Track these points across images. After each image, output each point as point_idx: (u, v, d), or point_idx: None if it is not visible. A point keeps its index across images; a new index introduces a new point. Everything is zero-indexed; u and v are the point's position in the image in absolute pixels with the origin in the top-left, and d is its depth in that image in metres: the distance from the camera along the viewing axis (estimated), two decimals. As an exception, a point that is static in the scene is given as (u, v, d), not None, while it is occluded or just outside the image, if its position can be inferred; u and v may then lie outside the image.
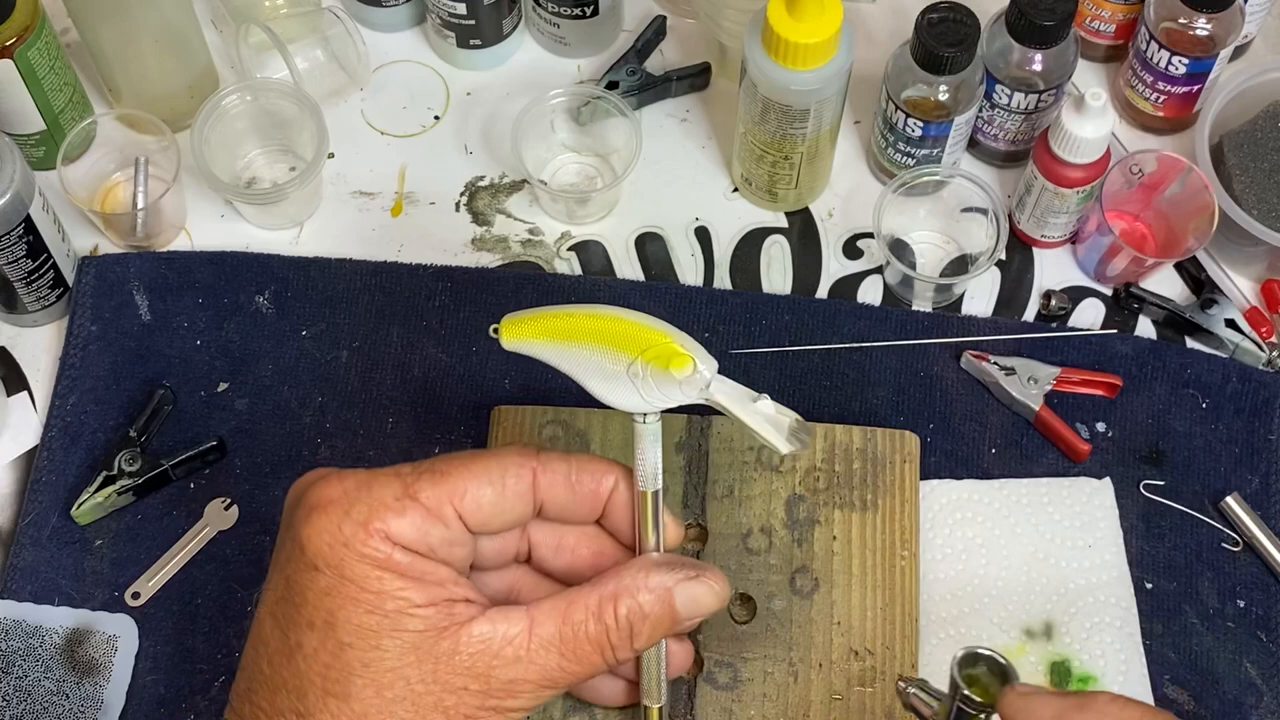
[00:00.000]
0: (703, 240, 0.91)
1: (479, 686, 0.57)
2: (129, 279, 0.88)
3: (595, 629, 0.59)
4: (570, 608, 0.59)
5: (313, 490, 0.58)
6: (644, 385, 0.61)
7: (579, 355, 0.61)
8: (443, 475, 0.58)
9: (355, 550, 0.56)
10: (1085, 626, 0.79)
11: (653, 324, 0.61)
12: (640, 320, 0.61)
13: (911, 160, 0.89)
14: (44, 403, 0.85)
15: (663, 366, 0.61)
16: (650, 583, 0.60)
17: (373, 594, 0.56)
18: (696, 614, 0.62)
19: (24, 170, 0.80)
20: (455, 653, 0.57)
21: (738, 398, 0.63)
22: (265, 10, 0.95)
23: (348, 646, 0.56)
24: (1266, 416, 0.85)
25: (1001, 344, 0.86)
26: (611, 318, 0.61)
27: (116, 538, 0.81)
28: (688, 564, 0.62)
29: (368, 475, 0.58)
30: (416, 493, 0.57)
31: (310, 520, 0.57)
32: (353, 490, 0.57)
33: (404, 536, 0.57)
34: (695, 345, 0.62)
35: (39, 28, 0.84)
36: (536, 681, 0.59)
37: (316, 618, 0.56)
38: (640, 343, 0.61)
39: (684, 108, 0.96)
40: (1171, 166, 0.88)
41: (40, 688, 0.77)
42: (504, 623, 0.58)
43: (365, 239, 0.91)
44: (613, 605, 0.59)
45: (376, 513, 0.56)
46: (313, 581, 0.56)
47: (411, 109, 0.96)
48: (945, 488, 0.82)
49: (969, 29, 0.82)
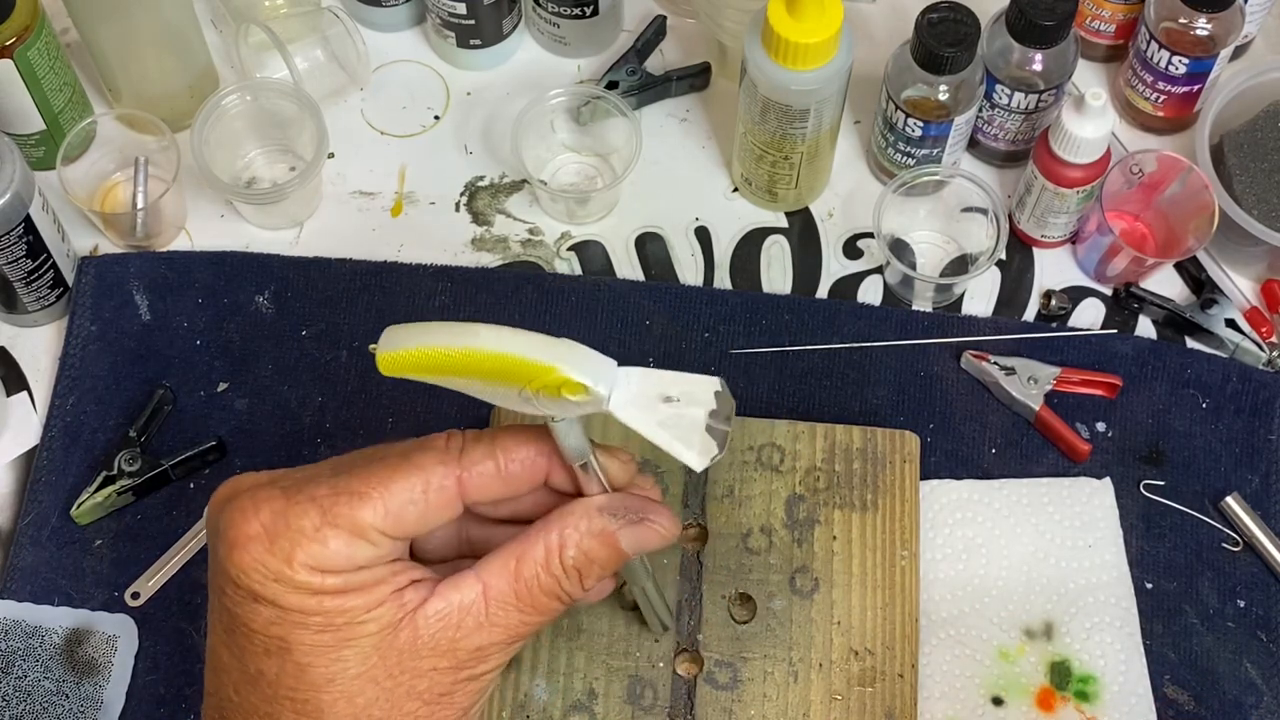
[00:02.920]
0: (703, 240, 0.91)
1: (448, 663, 0.57)
2: (129, 279, 0.88)
3: (547, 580, 0.58)
4: (520, 564, 0.58)
5: (228, 522, 0.56)
6: (541, 405, 0.56)
7: (467, 385, 0.57)
8: (360, 497, 0.56)
9: (286, 584, 0.55)
10: (1085, 626, 0.79)
11: (536, 353, 0.54)
12: (522, 351, 0.54)
13: (911, 160, 0.89)
14: (44, 403, 0.85)
15: (553, 395, 0.55)
16: (594, 527, 0.59)
17: (319, 615, 0.55)
18: (644, 550, 0.61)
19: (24, 170, 0.80)
20: (416, 639, 0.56)
21: (643, 409, 0.56)
22: (265, 10, 0.95)
23: (308, 666, 0.55)
24: (1266, 416, 0.85)
25: (1001, 344, 0.86)
26: (495, 354, 0.54)
27: (116, 538, 0.81)
28: (632, 505, 0.60)
29: (283, 503, 0.55)
30: (334, 519, 0.55)
31: (233, 557, 0.55)
32: (270, 524, 0.55)
33: (331, 564, 0.55)
34: (589, 360, 0.55)
35: (39, 28, 0.84)
36: (503, 642, 0.58)
37: (270, 645, 0.55)
38: (526, 375, 0.54)
39: (684, 108, 0.96)
40: (1171, 166, 0.88)
41: (40, 688, 0.77)
42: (456, 593, 0.57)
43: (365, 239, 0.91)
44: (559, 555, 0.59)
45: (298, 545, 0.54)
46: (254, 614, 0.55)
47: (411, 109, 0.96)
48: (945, 488, 0.82)
49: (969, 29, 0.82)
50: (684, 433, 0.56)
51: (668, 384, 0.56)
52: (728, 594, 0.77)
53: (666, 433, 0.56)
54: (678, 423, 0.56)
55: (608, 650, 0.75)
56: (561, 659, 0.75)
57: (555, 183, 0.93)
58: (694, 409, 0.56)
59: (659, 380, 0.56)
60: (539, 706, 0.74)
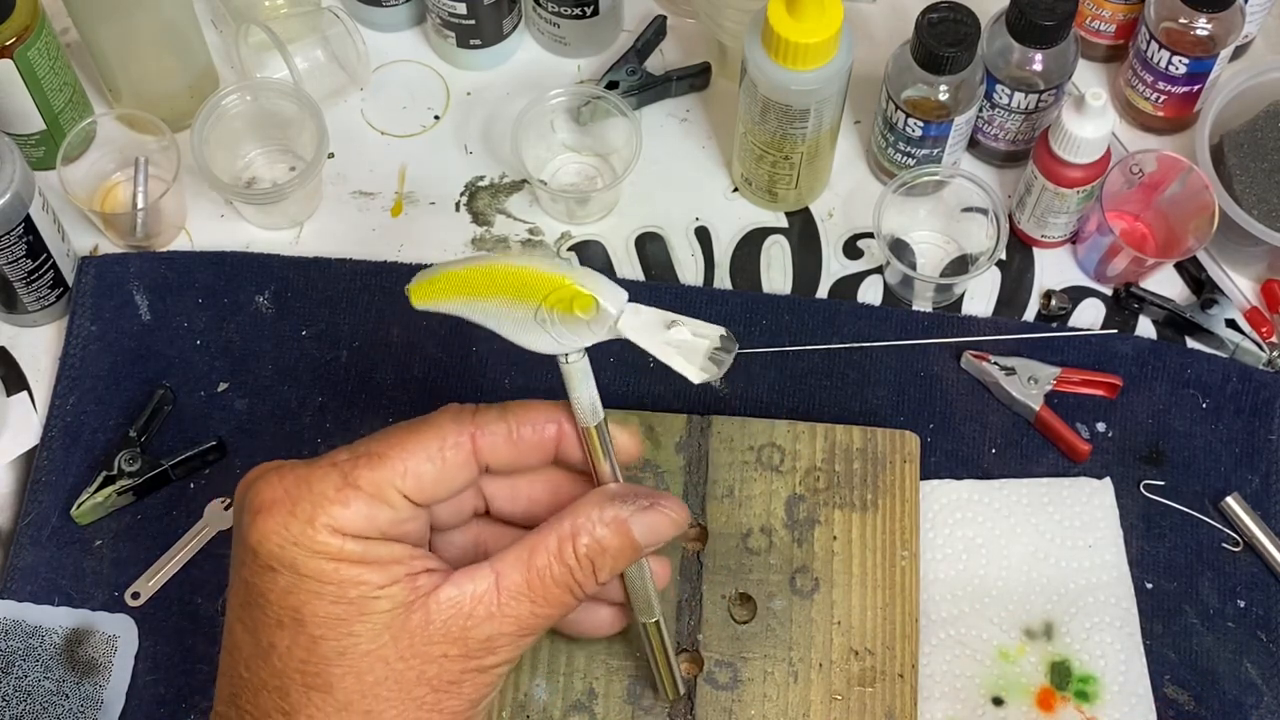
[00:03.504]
0: (703, 240, 0.91)
1: (458, 651, 0.58)
2: (129, 279, 0.88)
3: (559, 570, 0.59)
4: (533, 554, 0.59)
5: (254, 493, 0.57)
6: (554, 329, 0.60)
7: (488, 308, 0.60)
8: (380, 458, 0.58)
9: (306, 547, 0.56)
10: (1085, 626, 0.79)
11: (555, 267, 0.59)
12: (542, 265, 0.59)
13: (911, 160, 0.89)
14: (44, 403, 0.85)
15: (566, 310, 0.59)
16: (605, 516, 0.60)
17: (333, 585, 0.56)
18: (656, 541, 0.62)
19: (24, 170, 0.80)
20: (428, 623, 0.57)
21: (649, 329, 0.61)
22: (265, 10, 0.95)
23: (320, 639, 0.56)
24: (1266, 416, 0.85)
25: (1001, 344, 0.86)
26: (514, 267, 0.59)
27: (116, 538, 0.81)
28: (643, 493, 0.62)
29: (305, 469, 0.57)
30: (356, 480, 0.57)
31: (256, 524, 0.56)
32: (292, 488, 0.57)
33: (352, 526, 0.56)
34: (601, 282, 0.60)
35: (39, 28, 0.84)
36: (513, 633, 0.59)
37: (284, 616, 0.56)
38: (542, 288, 0.59)
39: (684, 108, 0.96)
40: (1171, 166, 0.88)
41: (40, 688, 0.77)
42: (470, 582, 0.58)
43: (365, 239, 0.91)
44: (571, 544, 0.59)
45: (320, 507, 0.56)
46: (272, 583, 0.56)
47: (411, 109, 0.96)
48: (945, 488, 0.82)
49: (969, 29, 0.82)
50: (688, 353, 0.61)
51: (676, 318, 0.61)
52: (728, 594, 0.77)
53: (671, 350, 0.61)
54: (681, 346, 0.61)
55: (608, 650, 0.75)
56: (561, 659, 0.75)
57: (555, 183, 0.93)
58: (700, 340, 0.61)
59: (668, 315, 0.61)
60: (539, 706, 0.74)
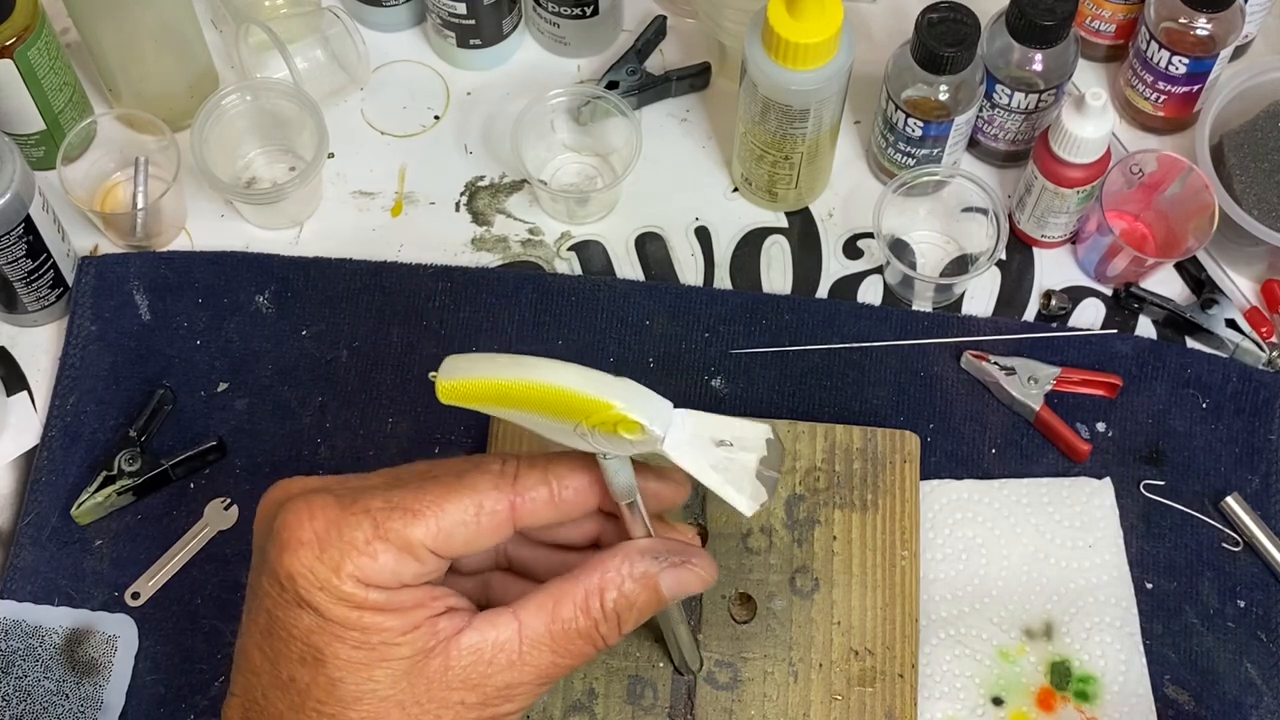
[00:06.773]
0: (703, 240, 0.91)
1: (475, 698, 0.57)
2: (129, 279, 0.88)
3: (584, 623, 0.59)
4: (558, 605, 0.58)
5: (282, 525, 0.56)
6: (595, 440, 0.57)
7: (524, 418, 0.57)
8: (414, 515, 0.56)
9: (331, 594, 0.55)
10: (1085, 626, 0.79)
11: (599, 388, 0.55)
12: (581, 386, 0.55)
13: (911, 160, 0.89)
14: (44, 403, 0.85)
15: (609, 432, 0.56)
16: (635, 571, 0.59)
17: (356, 631, 0.56)
18: (683, 595, 0.62)
19: (24, 170, 0.80)
20: (447, 669, 0.57)
21: (696, 446, 0.57)
22: (265, 10, 0.95)
23: (339, 681, 0.56)
24: (1266, 416, 0.85)
25: (1001, 344, 0.86)
26: (555, 388, 0.55)
27: (116, 538, 0.81)
28: (674, 549, 0.61)
29: (337, 513, 0.56)
30: (387, 534, 0.56)
31: (283, 560, 0.56)
32: (323, 532, 0.56)
33: (377, 578, 0.56)
34: (647, 401, 0.56)
35: (39, 28, 0.84)
36: (532, 682, 0.58)
37: (306, 654, 0.56)
38: (584, 410, 0.55)
39: (684, 108, 0.96)
40: (1171, 166, 0.88)
41: (40, 688, 0.77)
42: (492, 630, 0.58)
43: (365, 239, 0.91)
44: (599, 598, 0.59)
45: (348, 556, 0.55)
46: (297, 619, 0.56)
47: (411, 109, 0.96)
48: (945, 488, 0.82)
49: (969, 29, 0.82)
50: (735, 477, 0.58)
51: (721, 428, 0.58)
52: (728, 594, 0.77)
53: (719, 475, 0.58)
54: (729, 466, 0.58)
55: (608, 650, 0.75)
56: (561, 659, 0.75)
57: (555, 183, 0.93)
58: (746, 454, 0.58)
59: (713, 424, 0.58)
60: (539, 706, 0.74)
